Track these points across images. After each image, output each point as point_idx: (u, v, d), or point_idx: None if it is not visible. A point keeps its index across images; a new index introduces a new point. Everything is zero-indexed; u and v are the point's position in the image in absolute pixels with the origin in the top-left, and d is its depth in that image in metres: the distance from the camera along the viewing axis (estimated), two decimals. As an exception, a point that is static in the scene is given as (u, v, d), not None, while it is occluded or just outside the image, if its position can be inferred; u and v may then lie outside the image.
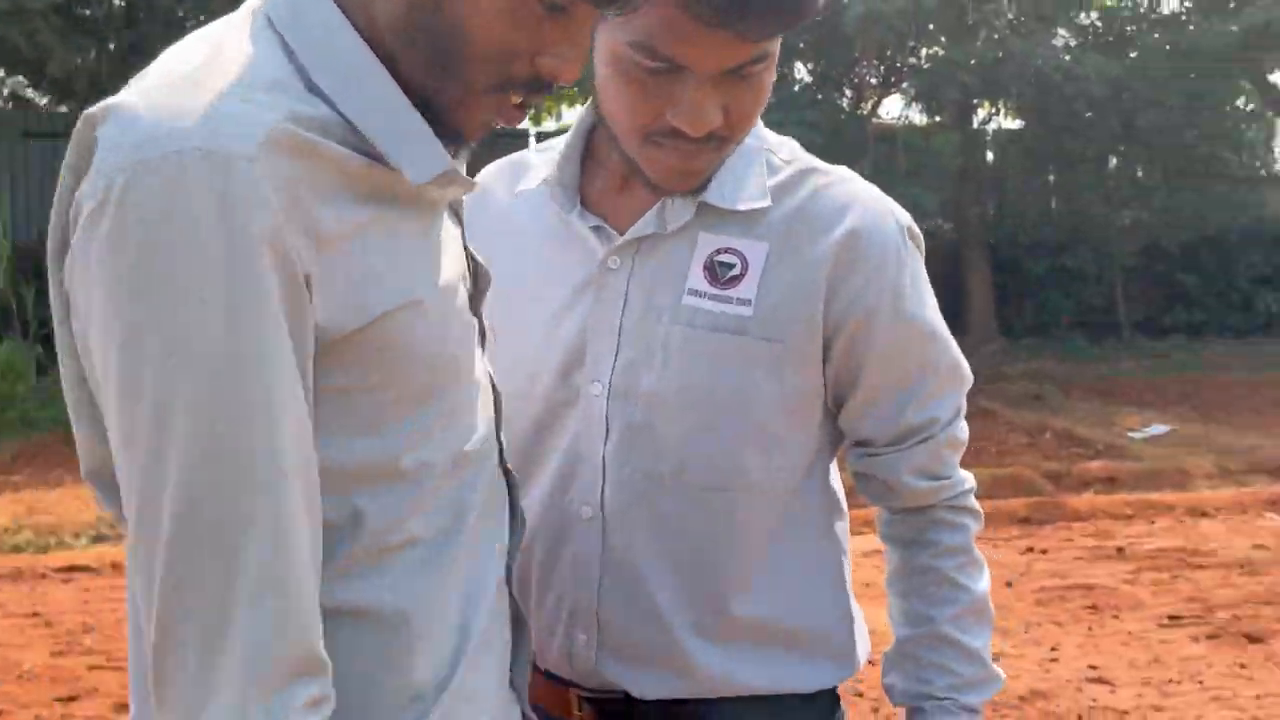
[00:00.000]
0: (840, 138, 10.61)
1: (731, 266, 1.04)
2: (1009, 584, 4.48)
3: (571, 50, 0.73)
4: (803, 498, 1.11)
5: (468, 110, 0.74)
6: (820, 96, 11.48)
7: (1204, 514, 5.52)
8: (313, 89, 0.70)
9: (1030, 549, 4.97)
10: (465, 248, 0.86)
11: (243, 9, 0.75)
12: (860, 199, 1.08)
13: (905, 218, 1.11)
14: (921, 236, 1.13)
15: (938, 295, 1.14)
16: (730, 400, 1.04)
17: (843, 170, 1.11)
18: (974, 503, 1.16)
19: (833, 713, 1.16)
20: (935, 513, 1.13)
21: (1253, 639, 3.81)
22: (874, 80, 11.94)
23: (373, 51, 0.72)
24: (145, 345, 0.62)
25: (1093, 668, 3.59)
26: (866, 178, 1.12)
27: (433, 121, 0.74)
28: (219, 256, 0.62)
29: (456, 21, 0.70)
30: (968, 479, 1.15)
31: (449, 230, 0.81)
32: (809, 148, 1.14)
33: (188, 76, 0.67)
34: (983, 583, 1.15)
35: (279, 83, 0.69)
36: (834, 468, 1.18)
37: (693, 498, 1.06)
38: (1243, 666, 3.58)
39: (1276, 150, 13.58)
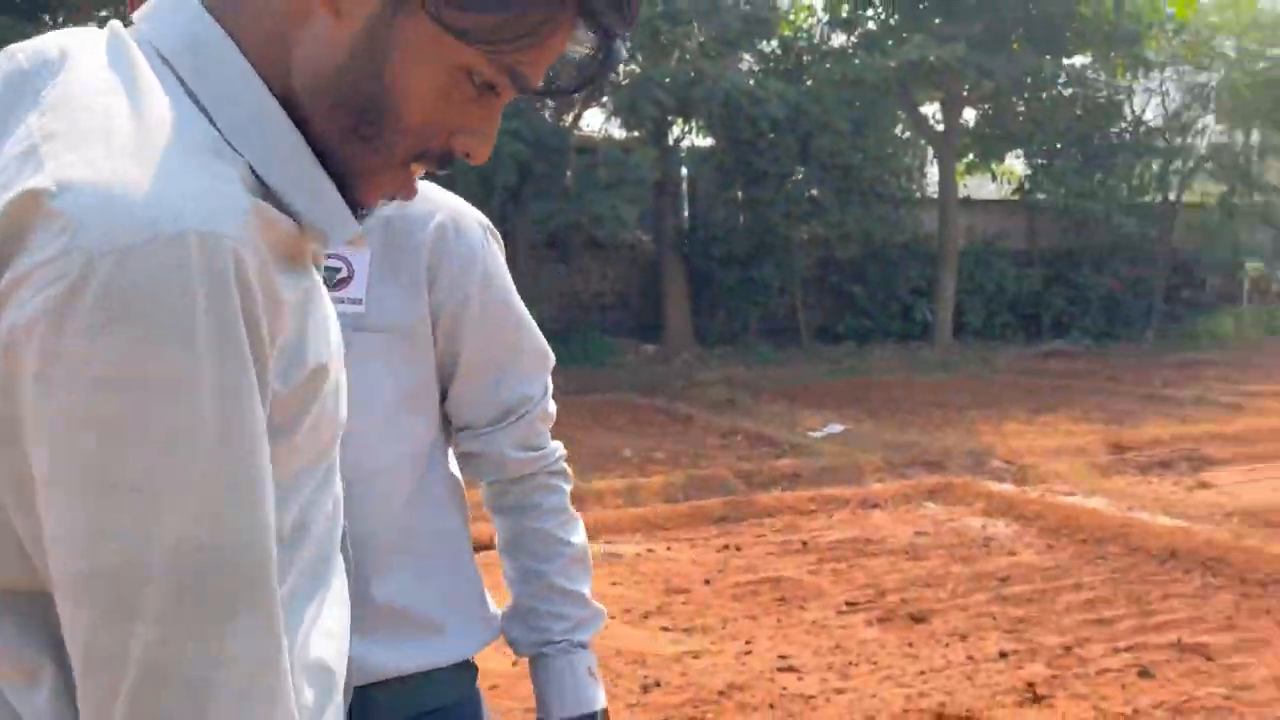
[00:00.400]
0: (543, 149, 10.72)
1: (338, 270, 1.13)
2: (708, 581, 4.68)
3: (489, 129, 0.76)
4: (429, 482, 1.20)
5: (375, 181, 0.74)
6: (523, 107, 11.56)
7: (875, 505, 6.05)
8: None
9: (727, 546, 5.23)
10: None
11: (122, 35, 0.70)
12: (446, 202, 1.20)
13: (485, 219, 1.24)
14: (500, 236, 1.25)
15: (639, 306, 1.21)
16: (355, 394, 1.16)
17: (424, 181, 1.25)
18: (566, 467, 1.30)
19: (475, 676, 1.26)
20: (536, 480, 1.27)
21: (917, 619, 4.20)
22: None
23: (282, 109, 0.71)
24: (132, 434, 0.60)
25: (782, 657, 3.82)
26: (568, 189, 1.18)
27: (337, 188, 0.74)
28: (213, 343, 0.61)
29: (392, 93, 0.70)
30: (559, 448, 1.29)
31: (320, 283, 0.79)
32: (514, 157, 1.16)
33: (130, 141, 0.63)
34: (580, 535, 1.29)
35: (211, 141, 0.67)
36: (450, 451, 1.27)
37: None
38: (910, 645, 3.94)
39: (929, 175, 15.21)
